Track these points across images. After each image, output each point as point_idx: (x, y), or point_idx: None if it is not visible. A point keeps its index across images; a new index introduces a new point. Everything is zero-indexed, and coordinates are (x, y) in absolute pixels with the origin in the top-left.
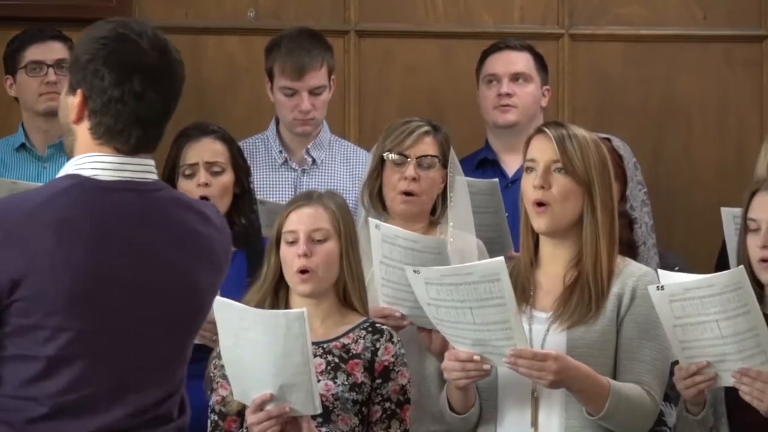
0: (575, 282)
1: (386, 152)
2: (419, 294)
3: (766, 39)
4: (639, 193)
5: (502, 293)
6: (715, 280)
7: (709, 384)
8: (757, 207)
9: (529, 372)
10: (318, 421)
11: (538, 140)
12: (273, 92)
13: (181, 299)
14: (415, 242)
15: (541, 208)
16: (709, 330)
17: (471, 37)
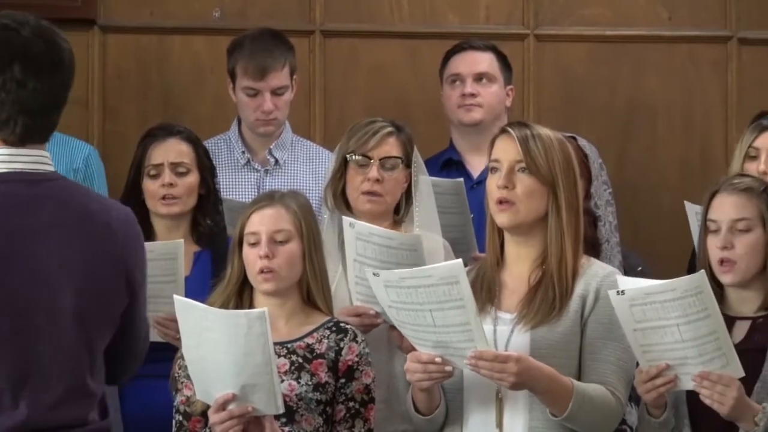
0: (539, 282)
1: (349, 153)
2: (380, 297)
3: (731, 40)
4: (604, 192)
5: (461, 295)
6: (676, 285)
7: (670, 387)
8: (716, 208)
9: (491, 373)
10: (282, 421)
11: (502, 140)
12: (235, 92)
13: (77, 289)
14: (390, 239)
15: (504, 205)
16: (670, 334)
17: (436, 38)
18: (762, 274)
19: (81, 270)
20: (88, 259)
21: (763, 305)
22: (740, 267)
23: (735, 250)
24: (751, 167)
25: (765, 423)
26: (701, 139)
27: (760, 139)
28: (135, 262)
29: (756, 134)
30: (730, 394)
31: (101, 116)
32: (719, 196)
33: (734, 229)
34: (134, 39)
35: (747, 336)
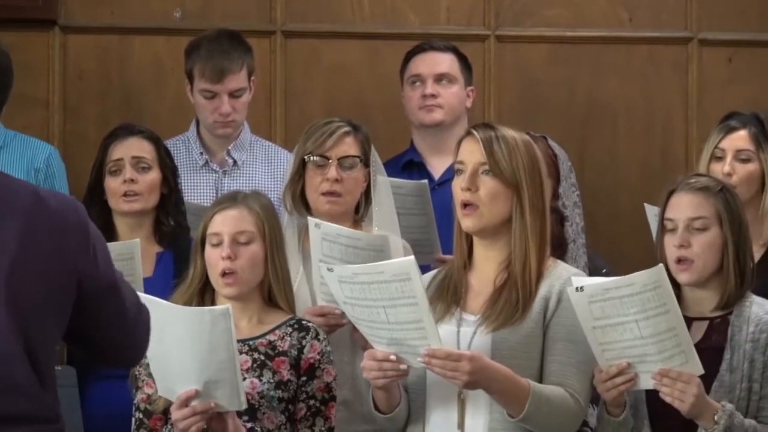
0: (504, 284)
1: (307, 154)
2: (335, 292)
3: (692, 41)
4: (572, 194)
5: (413, 293)
6: (635, 279)
7: (629, 385)
8: (673, 207)
9: (443, 372)
10: (244, 418)
11: (467, 142)
12: (193, 94)
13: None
14: (357, 240)
15: (467, 209)
16: (629, 331)
17: (397, 38)
18: (718, 273)
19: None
20: (24, 250)
21: (719, 305)
22: (697, 266)
23: (692, 248)
24: (717, 168)
25: (725, 421)
26: (661, 140)
27: (725, 141)
28: (81, 249)
29: (722, 135)
30: (691, 391)
31: (62, 116)
32: (676, 195)
33: (691, 227)
34: (95, 39)
35: (705, 336)
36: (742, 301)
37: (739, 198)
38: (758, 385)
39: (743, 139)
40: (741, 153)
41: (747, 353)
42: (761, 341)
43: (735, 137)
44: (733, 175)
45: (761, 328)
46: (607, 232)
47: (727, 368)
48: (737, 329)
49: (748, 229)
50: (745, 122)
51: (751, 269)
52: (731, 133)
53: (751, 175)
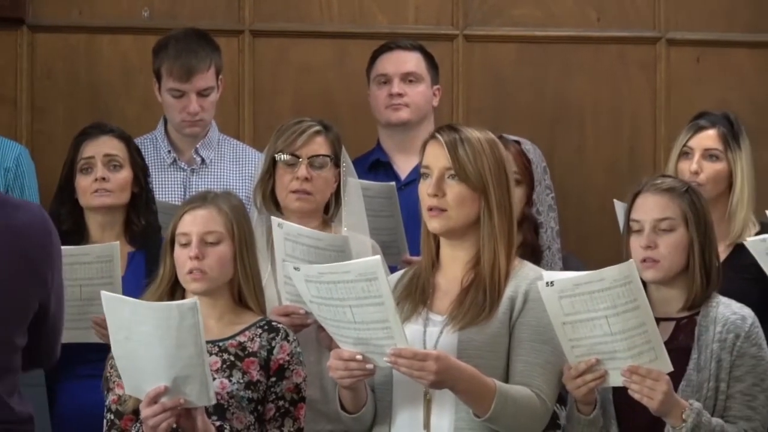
0: (471, 284)
1: (278, 153)
2: (302, 292)
3: (660, 41)
4: (547, 197)
5: (379, 292)
6: (605, 274)
7: (599, 382)
8: (639, 208)
9: (410, 371)
10: (213, 418)
11: (432, 146)
12: (161, 93)
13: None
14: (318, 240)
15: (434, 212)
16: (599, 327)
17: (365, 38)
18: (684, 273)
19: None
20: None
21: (686, 306)
22: (663, 266)
23: (658, 249)
24: (684, 166)
25: (693, 419)
26: (629, 140)
27: (694, 139)
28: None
29: (691, 134)
30: (660, 388)
31: (29, 115)
32: (642, 196)
33: (657, 228)
34: (63, 38)
35: (672, 336)
36: (709, 301)
37: (705, 199)
38: (725, 384)
39: (712, 138)
40: (709, 152)
41: (714, 353)
42: (728, 341)
43: (704, 136)
44: (700, 173)
45: (728, 328)
46: (575, 233)
47: (695, 368)
48: (704, 329)
49: (714, 229)
50: (715, 122)
51: (716, 269)
52: (700, 132)
53: (718, 174)
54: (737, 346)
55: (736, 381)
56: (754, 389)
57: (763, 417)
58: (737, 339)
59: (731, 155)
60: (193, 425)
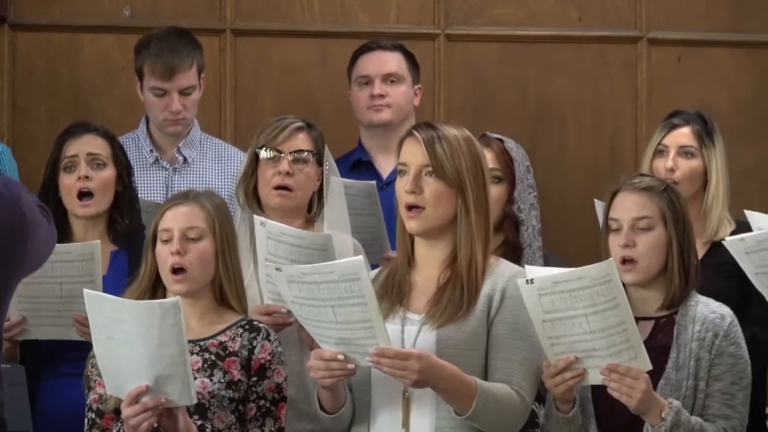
0: (448, 282)
1: (260, 148)
2: (283, 292)
3: (641, 40)
4: (529, 196)
5: (362, 292)
6: (585, 273)
7: (578, 380)
8: (617, 207)
9: (392, 371)
10: (194, 418)
11: (409, 143)
12: (143, 92)
13: None
14: (301, 239)
15: (412, 212)
16: (578, 325)
17: (347, 37)
18: (663, 273)
19: None
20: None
21: (664, 305)
22: (642, 265)
23: (637, 248)
24: (659, 164)
25: (672, 418)
26: (611, 139)
27: (669, 137)
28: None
29: (665, 132)
30: (639, 387)
31: (11, 114)
32: (620, 195)
33: (635, 227)
34: (44, 37)
35: (651, 335)
36: (688, 300)
37: (683, 197)
38: (704, 383)
39: (686, 135)
40: (684, 149)
41: (693, 352)
42: (707, 340)
43: (678, 134)
44: (676, 170)
45: (707, 327)
46: (557, 231)
47: (674, 366)
48: (683, 328)
49: (692, 228)
50: (689, 120)
51: (695, 268)
52: (675, 130)
53: (693, 171)
54: (716, 344)
55: (715, 380)
56: (733, 388)
57: (742, 416)
58: (716, 338)
59: (706, 152)
60: (175, 425)
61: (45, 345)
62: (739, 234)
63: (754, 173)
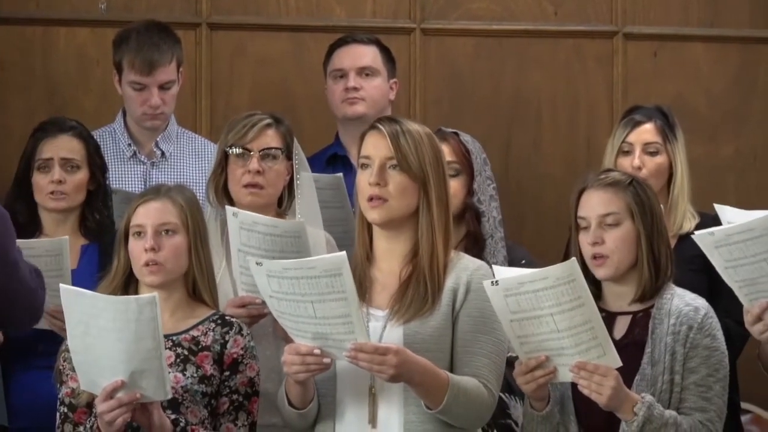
0: (410, 277)
1: (229, 147)
2: (261, 286)
3: (617, 35)
4: (488, 188)
5: (343, 287)
6: (549, 273)
7: (549, 378)
8: (584, 205)
9: (370, 366)
10: (168, 412)
11: (372, 136)
12: (121, 86)
13: None
14: (274, 227)
15: (375, 202)
16: (545, 324)
17: (323, 31)
18: (635, 267)
19: None
20: None
21: (636, 297)
22: (612, 261)
23: (606, 244)
24: (625, 162)
25: (644, 413)
26: (586, 134)
27: (633, 135)
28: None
29: (629, 129)
30: (608, 383)
31: None
32: (586, 192)
33: (603, 224)
34: (19, 30)
35: (628, 331)
36: (663, 293)
37: (651, 189)
38: (680, 377)
39: (650, 132)
40: (649, 146)
41: (668, 346)
42: (681, 333)
43: (642, 131)
44: (642, 168)
45: (681, 320)
46: (532, 226)
47: (649, 361)
48: (658, 322)
49: (663, 219)
50: (650, 115)
51: (667, 259)
52: (638, 127)
53: (659, 168)
54: (690, 337)
55: (690, 372)
56: (709, 380)
57: (719, 407)
58: (690, 330)
59: (670, 147)
60: (149, 420)
61: (17, 339)
62: (704, 227)
63: (730, 167)
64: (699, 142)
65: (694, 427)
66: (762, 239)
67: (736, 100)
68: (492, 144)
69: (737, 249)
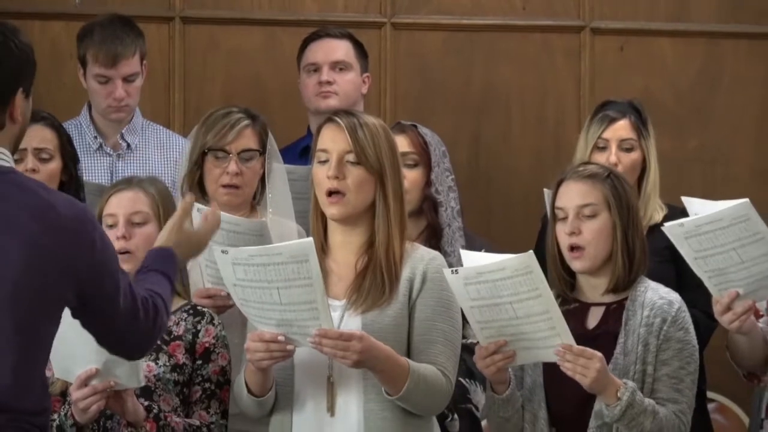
0: (366, 268)
1: (207, 148)
2: (225, 275)
3: (585, 29)
4: (446, 179)
5: (309, 274)
6: (506, 264)
7: (508, 361)
8: (562, 196)
9: (334, 351)
10: (140, 400)
11: (330, 129)
12: (86, 79)
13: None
14: (237, 225)
15: (334, 197)
16: (504, 311)
17: (295, 25)
18: (609, 260)
19: (20, 261)
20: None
21: (609, 288)
22: (589, 252)
23: (583, 235)
24: (600, 158)
25: (627, 398)
26: (554, 127)
27: (608, 131)
28: (78, 255)
29: (604, 126)
30: (593, 366)
31: None
32: (565, 184)
33: (581, 215)
34: None
35: (601, 321)
36: (637, 286)
37: (627, 182)
38: (652, 367)
39: (625, 128)
40: (624, 142)
41: (641, 337)
42: (655, 325)
43: (617, 127)
44: (618, 164)
45: (655, 312)
46: (500, 217)
47: (621, 351)
48: (632, 314)
49: (638, 212)
50: (624, 111)
51: (641, 251)
52: (613, 124)
53: (634, 163)
54: (664, 330)
55: (663, 364)
56: (681, 372)
57: (690, 399)
58: (664, 323)
59: (644, 143)
60: (123, 407)
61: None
62: (672, 219)
63: (695, 160)
64: (665, 136)
65: (668, 417)
66: (730, 229)
67: (702, 94)
68: (462, 137)
69: (707, 239)
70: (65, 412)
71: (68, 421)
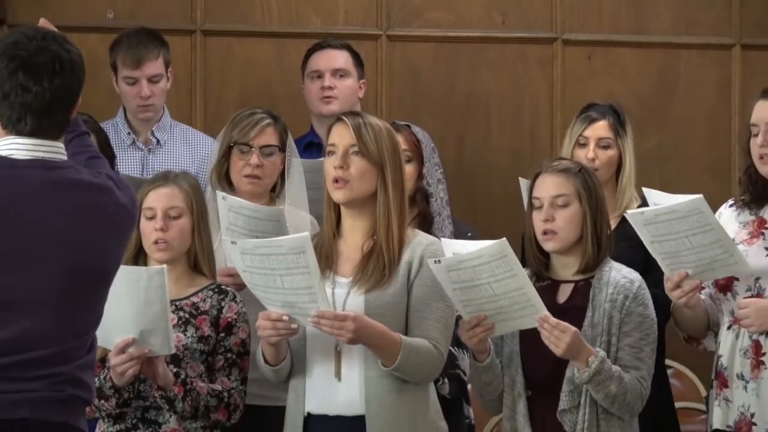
0: (371, 251)
1: (233, 142)
2: (236, 262)
3: (557, 41)
4: (436, 172)
5: (306, 263)
6: (483, 252)
7: (488, 333)
8: (539, 187)
9: (330, 330)
10: (170, 366)
11: (338, 127)
12: (118, 84)
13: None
14: (257, 212)
15: (339, 183)
16: (484, 290)
17: (301, 37)
18: (579, 243)
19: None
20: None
21: (580, 269)
22: (560, 236)
23: (556, 222)
24: (581, 154)
25: (596, 365)
26: (530, 128)
27: (589, 130)
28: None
29: (586, 125)
30: (565, 339)
31: None
32: (541, 176)
33: (554, 204)
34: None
35: (570, 297)
36: (602, 266)
37: (597, 177)
38: (616, 338)
39: (604, 128)
40: (602, 141)
41: (606, 311)
42: (618, 301)
43: (597, 127)
44: (596, 160)
45: (618, 290)
46: (483, 208)
47: (589, 324)
48: (598, 291)
49: (605, 203)
50: (604, 113)
51: (607, 237)
52: (593, 123)
53: (610, 159)
54: (626, 305)
55: (625, 336)
56: (641, 342)
57: (649, 367)
58: (626, 299)
59: (620, 142)
60: (155, 371)
61: None
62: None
63: (654, 156)
64: None
65: (632, 382)
66: (684, 219)
67: (660, 98)
68: (447, 137)
69: (663, 227)
70: (104, 375)
71: (107, 384)
